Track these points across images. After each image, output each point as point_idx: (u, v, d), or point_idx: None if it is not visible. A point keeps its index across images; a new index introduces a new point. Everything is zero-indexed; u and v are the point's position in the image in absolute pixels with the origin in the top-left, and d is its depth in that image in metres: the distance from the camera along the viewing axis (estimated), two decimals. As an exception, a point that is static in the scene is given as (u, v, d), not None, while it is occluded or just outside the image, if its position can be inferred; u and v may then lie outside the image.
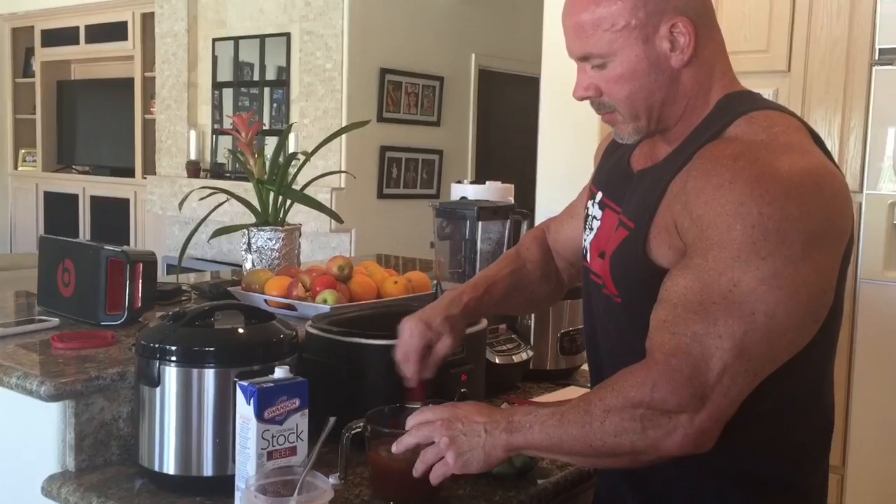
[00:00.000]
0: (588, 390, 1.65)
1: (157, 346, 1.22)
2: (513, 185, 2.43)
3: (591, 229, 1.24)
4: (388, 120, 4.82)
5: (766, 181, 0.95)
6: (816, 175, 0.98)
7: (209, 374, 1.22)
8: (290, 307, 1.79)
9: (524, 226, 1.87)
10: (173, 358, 1.21)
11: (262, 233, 2.12)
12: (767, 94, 3.15)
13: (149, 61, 5.93)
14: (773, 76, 3.14)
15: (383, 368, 1.42)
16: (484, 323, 1.60)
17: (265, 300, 1.83)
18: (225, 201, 2.19)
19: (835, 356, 1.13)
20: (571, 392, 1.78)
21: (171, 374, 1.22)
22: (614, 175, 1.22)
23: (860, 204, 2.98)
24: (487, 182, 2.36)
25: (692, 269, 0.97)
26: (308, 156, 2.15)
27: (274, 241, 2.12)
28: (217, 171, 5.30)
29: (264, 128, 5.05)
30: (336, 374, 1.41)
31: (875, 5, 2.90)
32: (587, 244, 1.25)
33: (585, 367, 2.02)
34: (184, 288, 2.02)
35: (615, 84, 1.07)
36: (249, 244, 2.14)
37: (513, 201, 2.42)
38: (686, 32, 1.05)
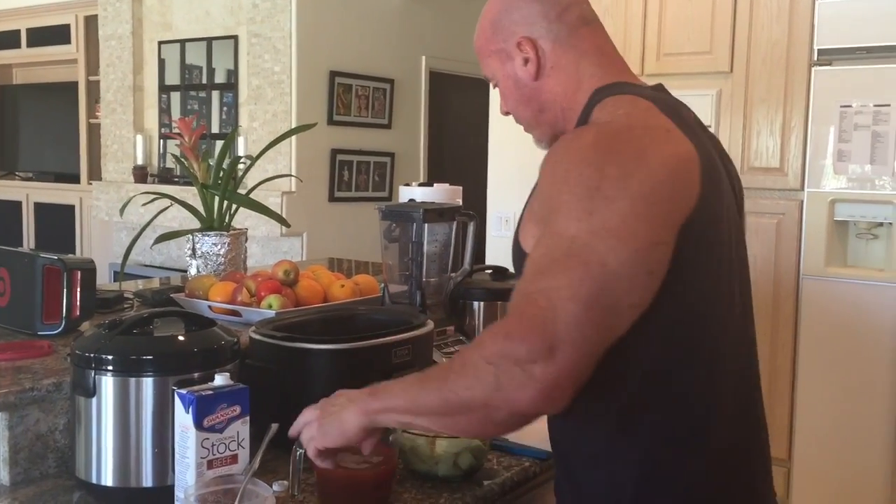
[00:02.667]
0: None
1: (92, 355, 1.20)
2: (461, 188, 2.43)
3: None
4: (339, 123, 4.79)
5: (585, 148, 1.03)
6: (640, 138, 1.03)
7: (147, 383, 1.19)
8: (235, 313, 1.76)
9: (471, 227, 1.87)
10: (109, 367, 1.19)
11: (206, 238, 2.09)
12: (710, 94, 3.20)
13: (93, 65, 5.82)
14: (716, 77, 3.19)
15: (327, 373, 1.41)
16: (430, 325, 1.59)
17: (209, 306, 1.80)
18: (168, 206, 2.16)
19: (717, 347, 1.09)
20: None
21: (107, 383, 1.19)
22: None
23: (802, 201, 3.04)
24: (435, 184, 2.35)
25: (540, 241, 1.01)
26: (253, 160, 2.13)
27: (219, 247, 2.09)
28: (165, 176, 5.22)
29: (213, 132, 4.99)
30: (280, 380, 1.40)
31: (813, 8, 2.97)
32: None
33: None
34: (126, 295, 1.98)
35: (504, 101, 1.24)
36: (194, 250, 2.11)
37: (461, 203, 2.43)
38: (530, 50, 1.17)
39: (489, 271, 2.06)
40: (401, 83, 5.15)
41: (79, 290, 1.62)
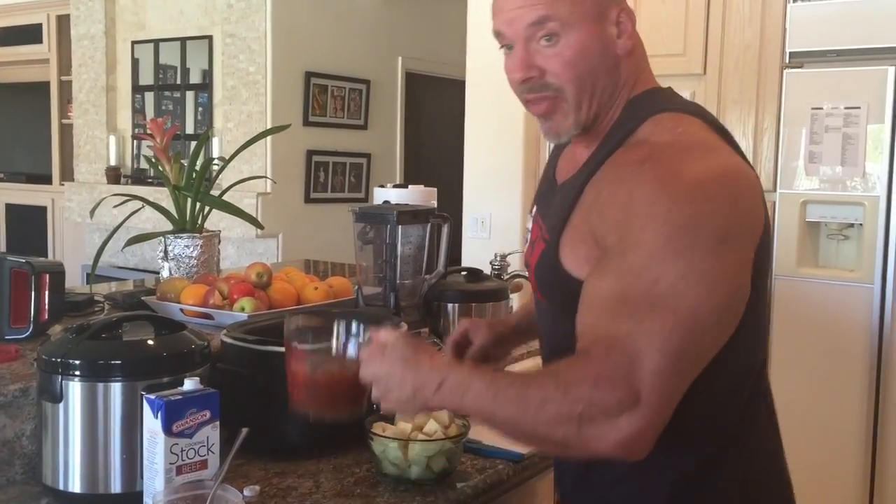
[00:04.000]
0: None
1: (58, 360, 1.18)
2: (436, 189, 2.43)
3: (527, 242, 1.28)
4: (315, 124, 4.77)
5: (672, 180, 0.96)
6: (723, 172, 0.99)
7: (115, 388, 1.18)
8: (207, 316, 1.75)
9: (445, 229, 1.87)
10: (76, 372, 1.17)
11: (179, 240, 2.07)
12: (684, 95, 3.23)
13: (65, 64, 5.75)
14: (689, 79, 3.22)
15: (300, 376, 1.40)
16: (404, 327, 1.59)
17: (181, 309, 1.78)
18: (140, 208, 2.13)
19: (760, 355, 1.13)
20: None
21: (74, 389, 1.18)
22: (543, 188, 1.26)
23: (774, 202, 3.07)
24: (410, 186, 2.35)
25: (611, 272, 0.97)
26: (226, 161, 2.11)
27: (191, 249, 2.07)
28: (138, 177, 5.17)
29: (188, 132, 4.95)
30: (251, 384, 1.39)
31: (785, 11, 3.00)
32: (526, 257, 1.28)
33: (509, 369, 2.03)
34: (96, 299, 1.96)
35: (567, 63, 1.04)
36: (166, 252, 2.09)
37: (435, 205, 2.42)
38: (631, 21, 1.07)
39: (464, 273, 2.06)
40: (377, 84, 5.14)
41: (47, 293, 1.60)
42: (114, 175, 5.14)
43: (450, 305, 1.91)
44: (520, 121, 3.52)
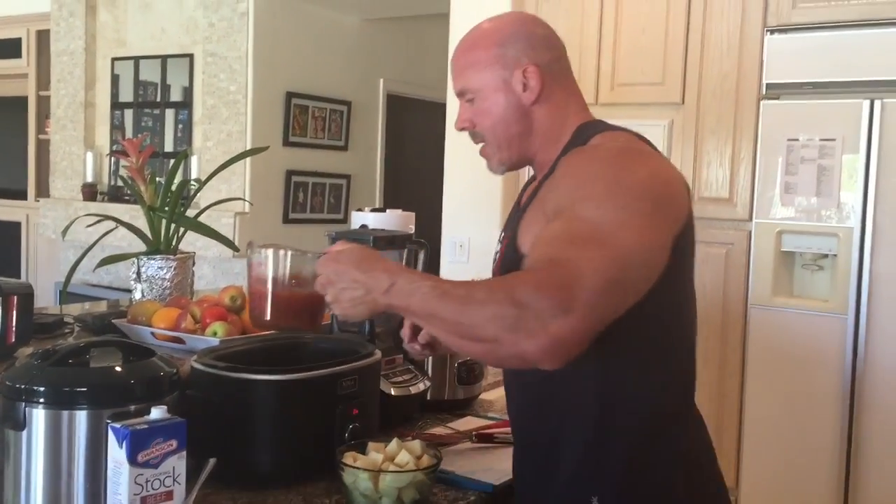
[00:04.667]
0: (485, 422, 1.67)
1: (22, 386, 1.15)
2: (414, 214, 2.42)
3: (494, 262, 1.37)
4: (295, 144, 4.76)
5: (620, 157, 1.20)
6: (659, 165, 1.22)
7: (80, 417, 1.15)
8: (179, 340, 1.73)
9: (421, 255, 1.86)
10: (41, 399, 1.14)
11: (152, 261, 2.05)
12: (662, 125, 3.25)
13: (44, 80, 5.71)
14: (667, 108, 3.24)
15: (270, 404, 1.38)
16: (378, 354, 1.57)
17: (152, 333, 1.76)
18: (113, 229, 2.11)
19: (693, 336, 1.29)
20: (469, 422, 1.77)
21: (38, 416, 1.15)
22: (511, 216, 1.38)
23: (749, 232, 3.09)
24: (388, 210, 2.34)
25: (561, 219, 1.12)
26: (202, 183, 2.10)
27: (165, 271, 2.05)
28: (115, 195, 5.13)
29: (167, 150, 4.92)
30: (221, 412, 1.36)
31: (762, 42, 3.04)
32: (493, 272, 1.36)
33: (484, 396, 2.02)
34: (66, 320, 1.93)
35: (482, 116, 1.29)
36: (139, 273, 2.06)
37: (413, 229, 2.41)
38: (535, 77, 1.26)
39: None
40: (358, 105, 5.14)
41: (14, 315, 1.58)
42: (90, 192, 5.10)
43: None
44: (499, 145, 3.53)
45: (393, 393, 1.71)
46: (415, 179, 5.47)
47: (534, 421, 1.32)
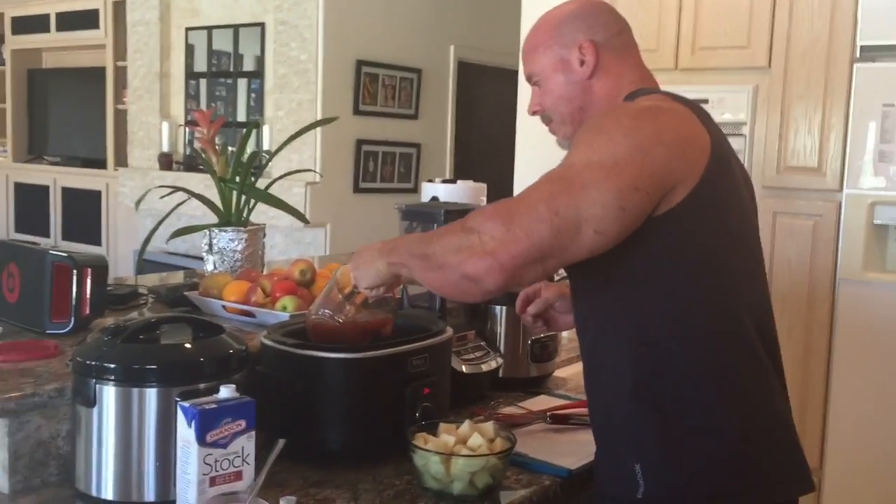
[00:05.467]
0: (560, 401, 1.62)
1: (93, 363, 1.15)
2: (485, 185, 2.36)
3: None
4: (365, 113, 4.73)
5: (612, 110, 1.24)
6: (661, 111, 1.19)
7: (150, 394, 1.14)
8: (249, 314, 1.71)
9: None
10: (111, 376, 1.14)
11: (223, 233, 2.04)
12: (747, 90, 3.09)
13: (120, 50, 5.81)
14: (752, 72, 3.08)
15: (339, 383, 1.35)
16: (449, 332, 1.53)
17: (223, 306, 1.75)
18: (185, 201, 2.11)
19: (744, 299, 1.22)
20: (543, 402, 1.72)
21: (108, 393, 1.14)
22: None
23: (839, 203, 2.93)
24: (459, 181, 2.29)
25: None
26: (272, 154, 2.07)
27: (236, 243, 2.04)
28: (190, 164, 5.20)
29: (240, 120, 4.95)
30: (291, 389, 1.34)
31: (856, 2, 2.84)
32: None
33: (557, 373, 1.96)
34: (140, 291, 1.94)
35: (547, 96, 1.35)
36: (211, 245, 2.06)
37: (485, 202, 2.36)
38: (590, 52, 1.30)
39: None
40: (428, 73, 5.07)
41: (89, 287, 1.58)
42: (166, 161, 5.18)
43: (497, 308, 1.84)
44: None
45: (464, 370, 1.67)
46: (485, 148, 5.39)
47: (590, 395, 1.32)
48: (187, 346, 1.20)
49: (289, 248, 4.56)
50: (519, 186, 3.72)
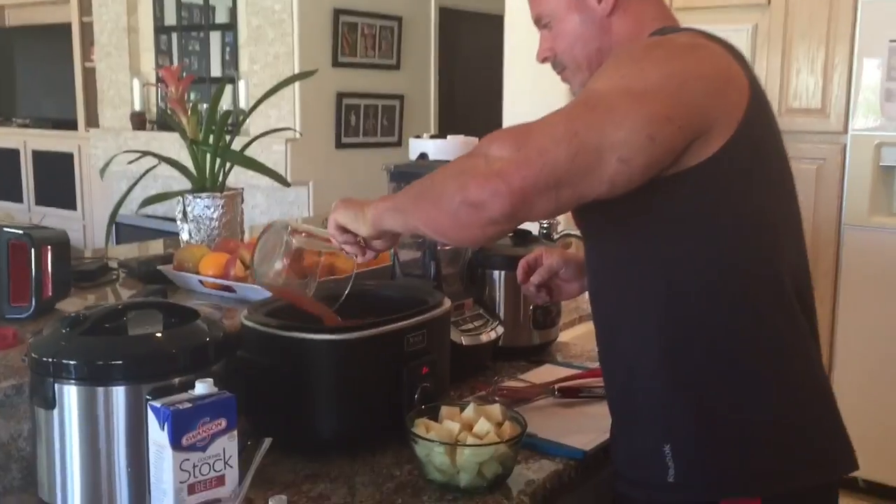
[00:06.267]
0: (566, 371, 1.51)
1: (50, 360, 1.01)
2: (476, 139, 2.22)
3: None
4: (344, 64, 4.53)
5: (640, 44, 1.10)
6: (697, 48, 1.05)
7: (117, 393, 1.01)
8: (229, 289, 1.58)
9: (490, 188, 1.67)
10: (71, 374, 1.01)
11: (198, 200, 1.90)
12: (745, 29, 2.94)
13: (86, 4, 5.54)
14: (752, 10, 2.93)
15: (329, 366, 1.23)
16: (447, 303, 1.40)
17: (200, 280, 1.62)
18: (155, 166, 1.96)
19: (784, 263, 1.08)
20: (548, 372, 1.61)
21: (69, 393, 1.01)
22: None
23: (844, 145, 2.81)
24: (449, 136, 2.14)
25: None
26: (246, 114, 1.92)
27: (212, 209, 1.90)
28: (164, 123, 4.99)
29: (214, 76, 4.75)
30: (277, 375, 1.22)
31: (862, -69, 2.69)
32: None
33: (561, 340, 1.84)
34: (110, 265, 1.80)
35: (559, 40, 1.20)
36: (185, 213, 1.92)
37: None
38: None
39: (510, 235, 1.86)
40: (409, 20, 4.87)
41: (50, 266, 1.44)
42: (139, 121, 4.97)
43: (495, 273, 1.71)
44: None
45: (464, 343, 1.55)
46: (471, 99, 5.21)
47: (606, 367, 1.20)
48: (158, 335, 1.07)
49: (271, 208, 4.40)
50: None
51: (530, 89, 3.38)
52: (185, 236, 1.92)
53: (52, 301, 1.46)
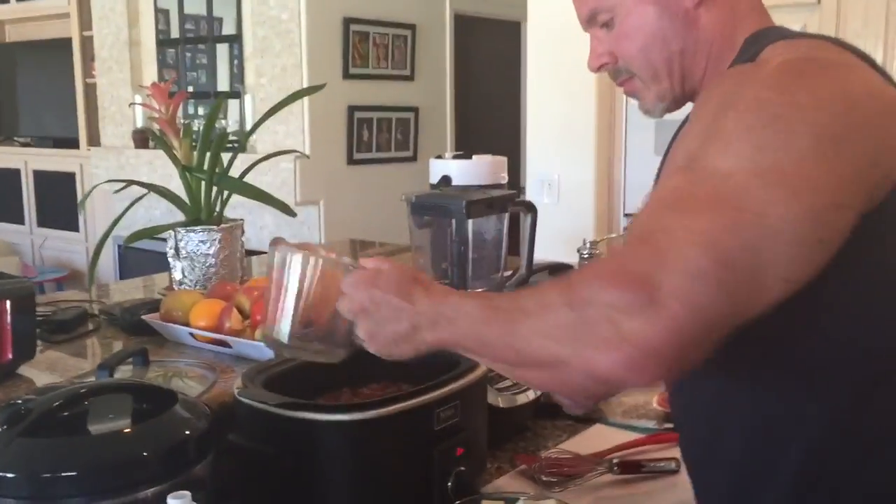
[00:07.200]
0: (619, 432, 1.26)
1: (-21, 473, 0.78)
2: (505, 159, 1.98)
3: None
4: (356, 76, 4.31)
5: (767, 72, 0.80)
6: (846, 71, 0.80)
7: (67, 515, 0.78)
8: (223, 343, 1.35)
9: (527, 221, 1.43)
10: (8, 491, 0.77)
11: (191, 235, 1.67)
12: (793, 28, 2.71)
13: (86, 19, 5.35)
14: (800, 9, 2.69)
15: (346, 455, 0.99)
16: (482, 367, 1.17)
17: (190, 333, 1.39)
18: (143, 196, 1.74)
19: None
20: (601, 435, 1.37)
21: (5, 515, 0.78)
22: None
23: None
24: (474, 156, 1.91)
25: (679, 171, 0.78)
26: (246, 135, 1.70)
27: (208, 245, 1.68)
28: (168, 140, 4.79)
29: (220, 89, 4.53)
30: (277, 467, 0.98)
31: (924, -79, 2.45)
32: None
33: (609, 392, 1.60)
34: (89, 311, 1.58)
35: (625, 40, 0.95)
36: (177, 249, 1.69)
37: (506, 179, 1.99)
38: None
39: (545, 270, 1.62)
40: (423, 28, 4.64)
41: (9, 323, 1.21)
42: (141, 139, 4.76)
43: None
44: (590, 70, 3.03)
45: (501, 405, 1.31)
46: (488, 110, 4.97)
47: (702, 473, 0.95)
48: (124, 432, 0.83)
49: (280, 229, 4.16)
50: (533, 154, 3.32)
51: (557, 95, 3.15)
52: (177, 275, 1.70)
53: (12, 365, 1.23)
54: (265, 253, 1.31)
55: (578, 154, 3.15)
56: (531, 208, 1.43)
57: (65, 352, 1.41)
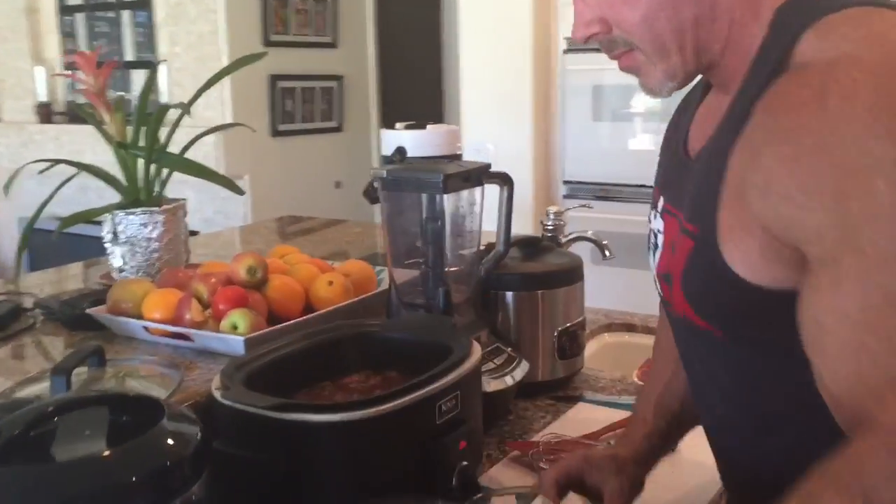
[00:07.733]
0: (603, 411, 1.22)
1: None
2: (459, 129, 1.91)
3: (656, 248, 0.91)
4: (277, 43, 4.13)
5: (885, 108, 0.63)
6: None
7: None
8: (184, 337, 1.23)
9: (504, 194, 1.36)
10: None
11: (132, 217, 1.53)
12: None
13: (-23, -16, 4.97)
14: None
15: (344, 458, 0.90)
16: (477, 350, 1.10)
17: (144, 327, 1.26)
18: (74, 175, 1.58)
19: None
20: (585, 413, 1.32)
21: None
22: (671, 168, 0.91)
23: None
24: (429, 126, 1.82)
25: (844, 277, 0.64)
26: (186, 107, 1.56)
27: (149, 228, 1.54)
28: (76, 114, 4.49)
29: (127, 59, 4.28)
30: (268, 473, 0.89)
31: None
32: (653, 270, 0.92)
33: (587, 371, 1.55)
34: (24, 306, 1.43)
35: (623, 5, 0.79)
36: (115, 233, 1.55)
37: (462, 149, 1.91)
38: None
39: (514, 246, 1.54)
40: (344, -7, 4.49)
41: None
42: (45, 113, 4.47)
43: (508, 294, 1.41)
44: (527, 29, 2.97)
45: (490, 389, 1.24)
46: (414, 75, 4.86)
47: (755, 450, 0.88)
48: (103, 456, 0.72)
49: (202, 204, 3.98)
50: (468, 122, 3.24)
51: (491, 65, 3.08)
52: (116, 262, 1.56)
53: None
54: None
55: (515, 121, 3.10)
56: (507, 180, 1.35)
57: (0, 353, 1.27)
